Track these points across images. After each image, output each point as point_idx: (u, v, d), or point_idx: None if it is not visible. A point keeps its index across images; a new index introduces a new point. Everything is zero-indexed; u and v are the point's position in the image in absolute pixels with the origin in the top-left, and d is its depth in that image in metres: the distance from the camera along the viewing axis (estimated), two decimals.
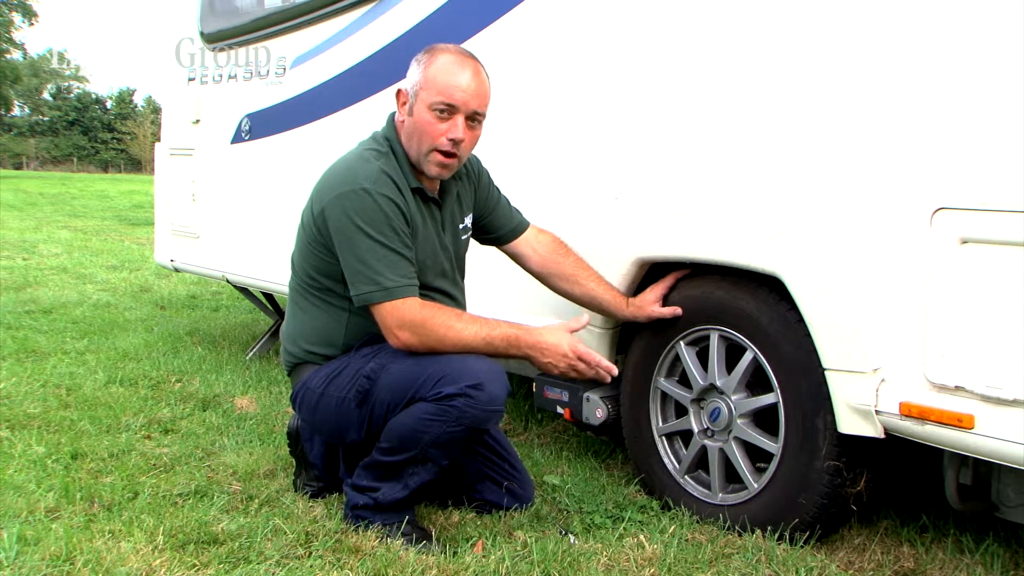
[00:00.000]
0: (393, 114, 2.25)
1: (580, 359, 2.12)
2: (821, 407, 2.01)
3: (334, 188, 2.12)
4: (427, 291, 2.18)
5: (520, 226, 2.45)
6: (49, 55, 68.89)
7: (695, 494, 2.33)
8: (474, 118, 2.14)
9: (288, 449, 2.53)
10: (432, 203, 2.23)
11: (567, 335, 2.13)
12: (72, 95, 71.07)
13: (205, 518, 2.17)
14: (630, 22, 2.42)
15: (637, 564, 2.00)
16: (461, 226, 2.34)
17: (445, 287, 2.28)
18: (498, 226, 2.44)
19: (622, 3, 2.46)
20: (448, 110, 2.10)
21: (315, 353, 2.26)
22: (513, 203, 2.48)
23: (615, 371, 2.17)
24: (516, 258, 2.47)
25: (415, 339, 2.07)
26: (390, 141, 2.20)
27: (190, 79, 4.46)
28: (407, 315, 2.06)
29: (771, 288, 2.10)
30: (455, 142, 2.12)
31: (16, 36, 47.09)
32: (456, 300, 2.32)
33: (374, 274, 2.06)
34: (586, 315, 2.29)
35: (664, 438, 2.42)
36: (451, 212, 2.30)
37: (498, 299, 2.78)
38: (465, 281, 2.42)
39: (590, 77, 2.54)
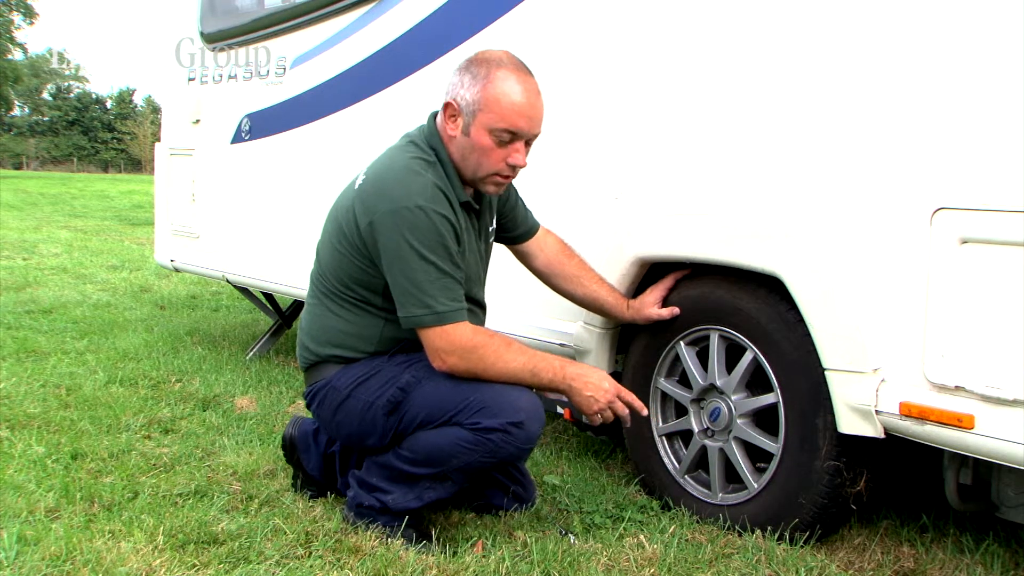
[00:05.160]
0: (435, 115, 2.15)
1: (619, 397, 2.09)
2: (821, 407, 2.01)
3: (385, 202, 2.01)
4: (467, 303, 2.11)
5: (533, 228, 2.43)
6: (49, 55, 68.95)
7: (695, 494, 2.33)
8: (531, 140, 2.09)
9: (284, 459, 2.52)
10: (474, 213, 2.19)
11: (607, 375, 2.11)
12: (72, 95, 71.09)
13: (205, 518, 2.17)
14: (630, 23, 2.43)
15: (637, 564, 2.00)
16: (490, 228, 2.30)
17: (479, 296, 2.26)
18: (516, 225, 2.40)
19: (623, 4, 2.46)
20: (512, 138, 2.04)
21: (341, 357, 2.19)
22: None
23: (645, 411, 2.16)
24: (522, 256, 2.46)
25: (462, 364, 2.02)
26: (436, 151, 2.10)
27: (190, 79, 4.46)
28: (458, 340, 2.01)
29: (771, 288, 2.10)
30: (515, 167, 2.08)
31: (16, 36, 47.07)
32: (484, 309, 2.30)
33: (426, 297, 1.99)
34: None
35: (664, 438, 2.42)
36: (485, 218, 2.25)
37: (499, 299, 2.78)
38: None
39: (590, 77, 2.54)
